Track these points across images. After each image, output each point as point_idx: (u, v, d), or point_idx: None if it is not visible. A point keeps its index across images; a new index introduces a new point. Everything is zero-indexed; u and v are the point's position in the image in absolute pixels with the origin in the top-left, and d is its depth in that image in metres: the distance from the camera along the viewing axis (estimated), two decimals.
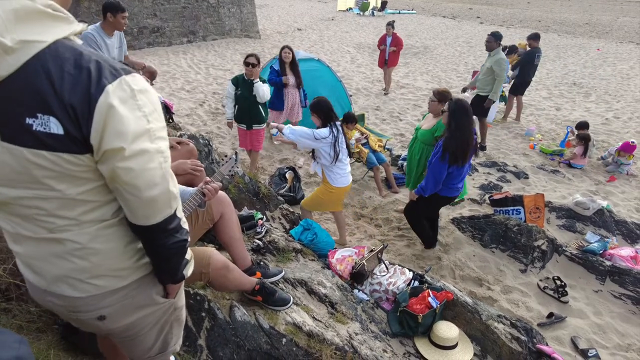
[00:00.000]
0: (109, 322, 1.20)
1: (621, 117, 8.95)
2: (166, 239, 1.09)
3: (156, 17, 12.40)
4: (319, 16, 23.92)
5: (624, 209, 5.40)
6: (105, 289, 1.13)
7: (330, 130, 3.65)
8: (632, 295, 3.79)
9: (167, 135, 1.08)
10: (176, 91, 8.80)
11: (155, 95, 1.05)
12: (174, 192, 1.06)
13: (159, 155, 1.00)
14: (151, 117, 0.98)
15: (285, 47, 5.85)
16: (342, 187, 3.93)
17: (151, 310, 1.26)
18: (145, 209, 1.02)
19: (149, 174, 0.99)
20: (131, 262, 1.15)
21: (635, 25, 24.68)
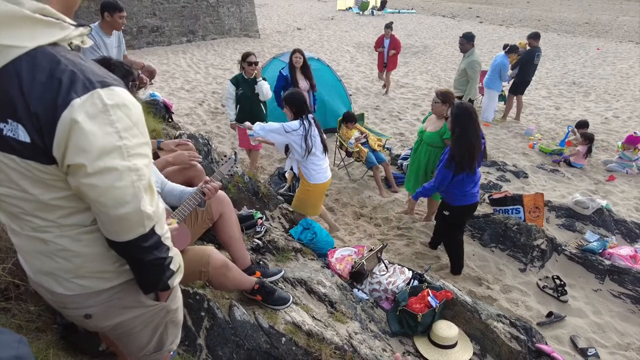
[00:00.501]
0: (95, 320, 1.21)
1: (621, 117, 8.95)
2: (141, 255, 1.07)
3: (155, 17, 12.39)
4: (318, 15, 23.91)
5: (624, 208, 5.40)
6: (89, 290, 1.14)
7: (301, 123, 3.56)
8: (632, 295, 3.79)
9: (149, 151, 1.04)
10: (175, 91, 8.79)
11: (139, 110, 1.01)
12: (148, 212, 1.02)
13: (132, 173, 0.97)
14: (126, 133, 0.95)
15: (295, 51, 5.61)
16: (319, 183, 3.79)
17: (139, 312, 1.26)
18: (115, 226, 1.01)
19: (116, 192, 0.96)
20: (114, 267, 1.15)
21: (634, 25, 24.68)
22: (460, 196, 3.62)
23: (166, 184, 2.26)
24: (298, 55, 5.56)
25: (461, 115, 3.43)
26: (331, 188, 5.56)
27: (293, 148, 3.66)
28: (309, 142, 3.56)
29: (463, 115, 3.42)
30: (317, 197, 3.93)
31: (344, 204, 5.19)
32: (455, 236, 3.92)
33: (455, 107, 3.51)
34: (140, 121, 1.00)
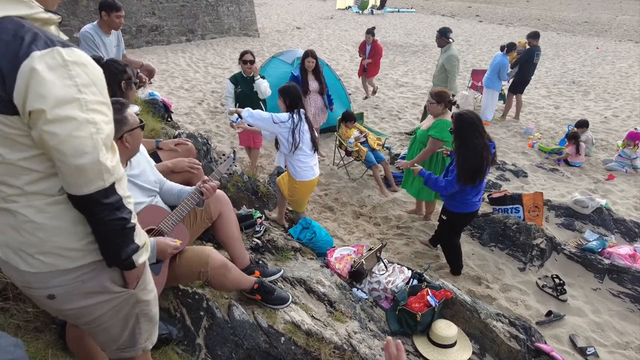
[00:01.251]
0: (59, 302, 1.22)
1: (620, 116, 8.95)
2: (102, 213, 1.10)
3: (155, 16, 12.37)
4: (318, 14, 23.88)
5: (623, 207, 5.40)
6: (53, 268, 1.16)
7: (291, 116, 3.54)
8: (631, 294, 3.79)
9: (108, 112, 1.11)
10: (175, 90, 8.78)
11: (99, 72, 1.09)
12: (107, 165, 1.07)
13: (91, 125, 1.03)
14: (85, 88, 1.03)
15: (308, 54, 5.48)
16: (305, 181, 3.73)
17: (105, 298, 1.26)
18: (74, 177, 1.05)
19: (75, 142, 1.01)
20: (81, 244, 1.17)
21: (634, 24, 24.68)
22: (460, 203, 3.56)
23: (164, 182, 2.26)
24: (311, 59, 5.45)
25: (463, 128, 3.28)
26: (331, 187, 5.56)
27: (280, 141, 3.65)
28: (296, 137, 3.54)
29: (465, 128, 3.27)
30: (302, 195, 3.90)
31: (343, 203, 5.19)
32: (452, 240, 3.90)
33: (456, 120, 3.34)
34: (99, 82, 1.09)
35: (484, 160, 3.27)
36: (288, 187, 3.87)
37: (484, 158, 3.27)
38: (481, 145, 3.26)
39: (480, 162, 3.27)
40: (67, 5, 10.53)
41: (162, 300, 2.24)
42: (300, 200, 3.96)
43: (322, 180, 5.71)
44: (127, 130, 1.79)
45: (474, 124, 3.27)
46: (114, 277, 1.26)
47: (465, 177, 3.32)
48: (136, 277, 1.30)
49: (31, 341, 1.68)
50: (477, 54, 14.81)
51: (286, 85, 3.67)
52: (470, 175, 3.31)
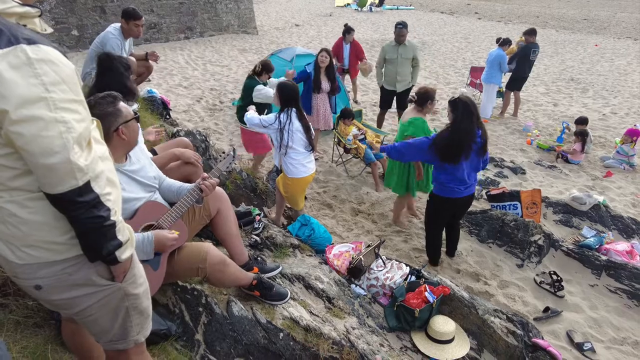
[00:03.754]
0: (45, 293, 1.24)
1: (618, 113, 8.97)
2: (78, 211, 1.10)
3: (153, 13, 12.34)
4: (316, 12, 23.83)
5: (620, 204, 5.42)
6: (39, 260, 1.17)
7: (277, 117, 3.56)
8: (628, 290, 3.81)
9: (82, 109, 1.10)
10: (173, 87, 8.77)
11: (70, 69, 1.07)
12: (80, 164, 1.06)
13: (59, 124, 1.02)
14: (53, 87, 1.01)
15: (323, 50, 5.45)
16: (297, 178, 3.76)
17: (91, 290, 1.27)
18: (46, 177, 1.05)
19: (43, 141, 1.00)
20: (64, 239, 1.17)
21: (633, 21, 24.67)
22: (440, 186, 3.65)
23: (164, 179, 2.26)
24: (325, 54, 5.38)
25: (459, 107, 3.35)
26: (329, 184, 5.57)
27: (274, 141, 3.71)
28: (285, 137, 3.55)
29: (461, 108, 3.35)
30: (296, 192, 3.92)
31: (342, 200, 5.20)
32: (431, 225, 3.94)
33: (458, 99, 3.40)
34: (70, 79, 1.07)
35: (463, 143, 3.33)
36: (282, 184, 3.91)
37: (464, 141, 3.33)
38: (469, 128, 3.34)
39: (459, 143, 3.34)
40: (65, 3, 10.50)
41: (161, 296, 2.25)
42: (295, 197, 3.98)
43: (321, 178, 5.71)
44: (122, 122, 1.80)
45: (469, 107, 3.35)
46: (101, 271, 1.27)
47: (439, 147, 3.40)
48: (123, 271, 1.30)
49: (31, 337, 1.69)
50: (476, 51, 14.80)
51: (284, 82, 3.68)
52: (443, 148, 3.38)
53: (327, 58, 5.37)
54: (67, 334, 1.64)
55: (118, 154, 1.90)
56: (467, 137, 3.35)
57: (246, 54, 12.26)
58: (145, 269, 1.50)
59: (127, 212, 1.92)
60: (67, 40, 10.68)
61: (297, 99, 3.65)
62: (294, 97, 3.62)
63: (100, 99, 1.78)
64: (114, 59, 2.68)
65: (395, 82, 6.43)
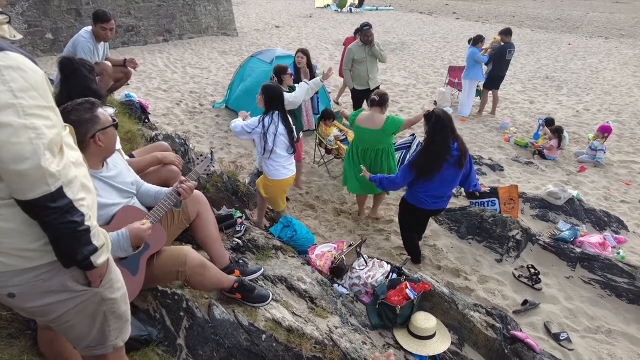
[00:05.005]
0: (19, 300, 1.22)
1: (591, 109, 9.25)
2: (50, 216, 1.09)
3: (130, 16, 12.15)
4: (296, 13, 23.83)
5: (593, 198, 5.60)
6: (12, 268, 1.16)
7: (261, 120, 3.57)
8: (601, 280, 3.94)
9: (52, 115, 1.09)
10: (152, 91, 8.66)
11: (39, 75, 1.07)
12: (51, 170, 1.05)
13: (29, 130, 1.02)
14: (22, 93, 1.01)
15: (299, 51, 5.43)
16: (277, 179, 3.78)
17: (67, 296, 1.26)
18: (16, 183, 1.04)
19: (13, 148, 1.00)
20: (37, 245, 1.16)
21: (603, 20, 25.45)
22: (411, 193, 3.69)
23: (142, 185, 2.25)
24: (300, 55, 5.36)
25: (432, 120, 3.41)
26: (311, 185, 5.59)
27: (257, 145, 3.70)
28: (269, 140, 3.56)
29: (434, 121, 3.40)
30: (276, 193, 3.93)
31: (324, 200, 5.22)
32: (401, 227, 4.03)
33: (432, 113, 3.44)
34: (40, 86, 1.07)
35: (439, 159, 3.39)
36: (263, 185, 3.92)
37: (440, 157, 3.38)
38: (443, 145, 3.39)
39: (434, 160, 3.40)
40: (37, 5, 10.25)
41: (141, 301, 2.23)
42: (275, 199, 3.98)
43: (303, 179, 5.73)
44: (99, 129, 1.79)
45: (445, 124, 3.39)
46: (76, 276, 1.26)
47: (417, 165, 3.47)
48: (99, 275, 1.29)
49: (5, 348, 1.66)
50: (454, 50, 15.04)
51: (268, 84, 3.67)
52: (421, 166, 3.45)
53: (304, 58, 5.37)
54: (45, 342, 1.62)
55: (94, 161, 1.88)
56: (441, 150, 3.37)
57: (226, 56, 12.19)
58: (124, 274, 1.49)
59: (104, 218, 1.90)
60: (41, 44, 10.43)
61: (282, 101, 3.65)
62: (278, 99, 3.62)
63: (78, 105, 1.76)
64: (75, 62, 2.62)
65: (368, 81, 6.49)
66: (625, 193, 5.82)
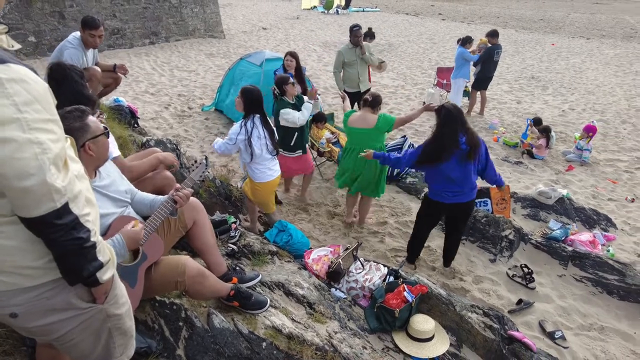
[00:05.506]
0: (22, 320, 1.18)
1: (576, 109, 9.42)
2: (56, 234, 1.06)
3: (116, 18, 11.98)
4: (283, 15, 23.80)
5: (582, 196, 5.69)
6: (14, 287, 1.13)
7: (243, 125, 3.50)
8: (592, 278, 4.00)
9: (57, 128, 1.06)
10: (140, 94, 8.54)
11: (42, 87, 1.04)
12: (57, 186, 1.02)
13: (34, 145, 0.98)
14: (26, 107, 0.98)
15: (288, 54, 5.34)
16: (263, 182, 3.75)
17: (71, 314, 1.23)
18: (21, 200, 1.00)
19: (18, 164, 0.97)
20: (40, 263, 1.13)
21: (584, 21, 25.98)
22: (432, 190, 3.69)
23: (136, 193, 2.20)
24: (290, 58, 5.29)
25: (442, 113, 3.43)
26: None
27: (241, 151, 3.65)
28: (254, 146, 3.53)
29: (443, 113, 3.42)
30: (264, 195, 3.90)
31: (317, 203, 5.21)
32: (416, 224, 4.00)
33: (442, 106, 3.47)
34: (43, 98, 1.03)
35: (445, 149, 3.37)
36: (250, 189, 3.89)
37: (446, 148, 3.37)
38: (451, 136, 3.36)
39: (440, 150, 3.39)
40: (19, 8, 10.03)
41: (139, 312, 2.19)
42: (265, 201, 3.95)
43: (295, 182, 5.70)
44: (89, 137, 1.74)
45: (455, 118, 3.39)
46: (81, 293, 1.23)
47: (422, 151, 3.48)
48: (104, 292, 1.26)
49: None
50: (442, 51, 15.18)
51: (248, 87, 3.60)
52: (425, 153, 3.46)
53: (293, 61, 5.32)
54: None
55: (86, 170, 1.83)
56: (448, 141, 3.36)
57: (214, 59, 12.10)
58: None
59: (100, 228, 1.85)
60: (24, 48, 10.20)
61: (261, 104, 3.59)
62: (259, 102, 3.55)
63: (67, 113, 1.71)
64: (66, 68, 2.55)
65: (359, 83, 6.53)
66: (612, 191, 5.93)
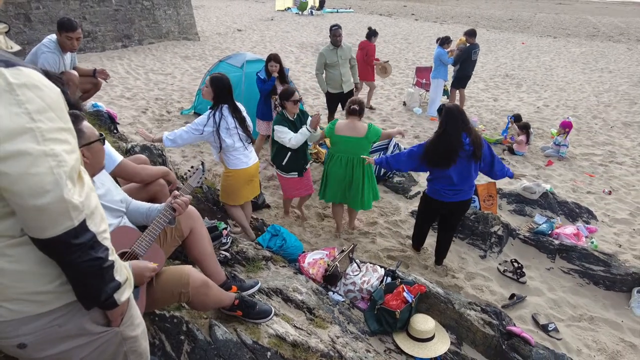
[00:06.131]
0: (32, 351, 1.08)
1: (550, 105, 9.70)
2: (73, 255, 0.96)
3: (86, 21, 11.57)
4: (257, 16, 23.62)
5: (563, 190, 5.84)
6: (22, 315, 1.02)
7: (210, 116, 3.34)
8: (579, 269, 4.10)
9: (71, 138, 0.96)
10: (115, 99, 8.26)
11: (55, 93, 0.95)
12: (74, 202, 0.93)
13: (49, 158, 0.88)
14: (39, 115, 0.88)
15: (270, 59, 5.19)
16: (238, 169, 3.58)
17: (85, 340, 1.14)
18: (36, 220, 0.91)
19: (32, 180, 0.87)
20: (52, 287, 1.03)
21: (550, 21, 26.91)
22: (431, 188, 3.70)
23: (130, 202, 2.10)
24: (273, 63, 5.17)
25: (443, 113, 3.46)
26: None
27: (210, 143, 3.52)
28: (222, 137, 3.38)
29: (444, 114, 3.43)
30: (237, 185, 3.68)
31: (306, 206, 5.14)
32: (417, 221, 4.10)
33: (443, 106, 3.49)
34: (57, 105, 0.94)
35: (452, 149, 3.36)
36: (222, 178, 3.73)
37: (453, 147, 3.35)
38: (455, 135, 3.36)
39: (447, 150, 3.37)
40: None
41: None
42: (233, 191, 3.71)
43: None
44: (84, 144, 1.64)
45: (457, 116, 3.41)
46: (95, 317, 1.13)
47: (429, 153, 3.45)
48: (120, 313, 1.17)
49: None
50: (417, 51, 15.38)
51: (217, 75, 3.42)
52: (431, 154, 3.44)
53: (277, 66, 5.24)
54: None
55: None
56: (452, 142, 3.35)
57: (190, 61, 11.85)
58: None
59: None
60: None
61: (231, 93, 3.43)
62: (228, 91, 3.39)
63: None
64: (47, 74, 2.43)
65: (342, 84, 6.53)
66: (590, 184, 6.12)
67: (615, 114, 9.31)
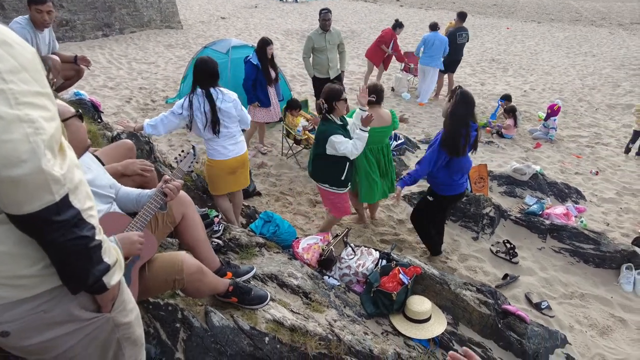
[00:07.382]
0: (15, 338, 1.01)
1: (536, 89, 9.77)
2: (55, 233, 0.88)
3: (64, 9, 11.20)
4: (241, 4, 23.21)
5: (551, 172, 5.90)
6: (3, 300, 0.95)
7: (187, 99, 3.19)
8: (569, 248, 4.15)
9: (49, 104, 0.87)
10: (98, 89, 8.05)
11: (30, 53, 0.86)
12: (55, 174, 0.84)
13: (24, 124, 0.79)
14: (12, 76, 0.79)
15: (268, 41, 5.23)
16: (219, 160, 3.46)
17: (74, 327, 1.07)
18: (11, 194, 0.82)
19: (5, 148, 0.78)
20: (35, 270, 0.96)
21: (534, 6, 27.02)
22: (446, 186, 3.54)
23: (120, 188, 2.02)
24: (272, 47, 5.25)
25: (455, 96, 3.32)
26: (283, 177, 5.44)
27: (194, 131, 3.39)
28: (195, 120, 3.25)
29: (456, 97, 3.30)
30: (217, 175, 3.57)
31: (298, 192, 5.10)
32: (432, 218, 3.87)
33: (459, 94, 3.30)
34: (32, 66, 0.84)
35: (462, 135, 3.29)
36: (205, 166, 3.68)
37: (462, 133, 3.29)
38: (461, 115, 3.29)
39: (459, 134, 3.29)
40: None
41: None
42: (214, 181, 3.62)
43: (273, 172, 5.57)
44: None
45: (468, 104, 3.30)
46: (83, 302, 1.05)
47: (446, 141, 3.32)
48: (111, 298, 1.10)
49: None
50: (404, 37, 15.29)
51: (205, 58, 3.25)
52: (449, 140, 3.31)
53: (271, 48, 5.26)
54: None
55: None
56: (462, 124, 3.27)
57: (173, 50, 11.60)
58: None
59: None
60: None
61: (213, 78, 3.24)
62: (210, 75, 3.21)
63: None
64: None
65: (328, 69, 6.44)
66: (577, 165, 6.20)
67: (600, 96, 9.42)
